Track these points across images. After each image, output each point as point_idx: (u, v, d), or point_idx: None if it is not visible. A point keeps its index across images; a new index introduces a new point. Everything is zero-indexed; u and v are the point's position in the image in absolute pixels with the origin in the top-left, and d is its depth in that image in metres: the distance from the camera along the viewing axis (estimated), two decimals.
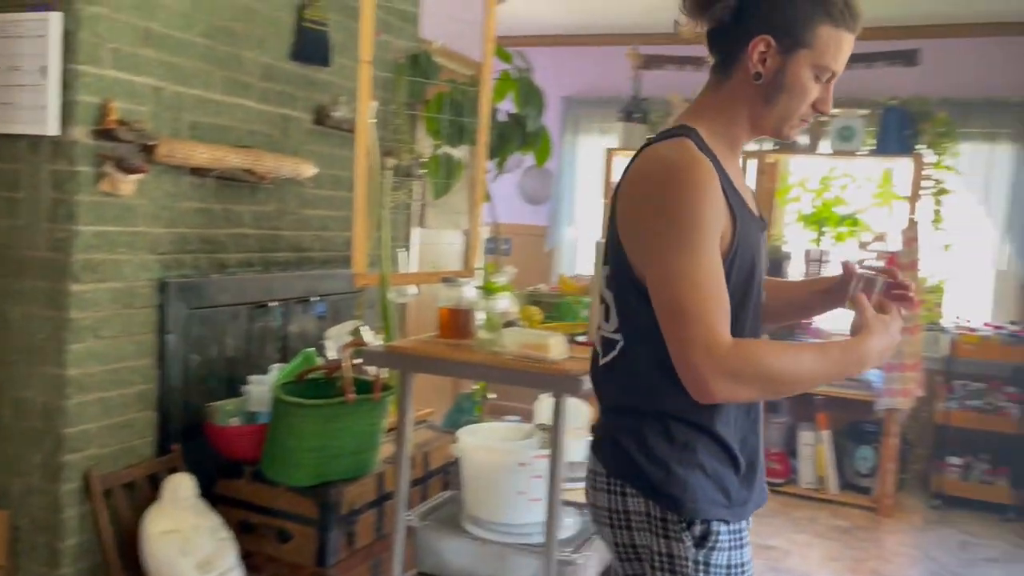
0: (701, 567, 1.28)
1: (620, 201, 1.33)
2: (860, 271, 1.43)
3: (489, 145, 3.17)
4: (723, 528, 1.30)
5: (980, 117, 4.62)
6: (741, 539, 1.32)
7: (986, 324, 4.53)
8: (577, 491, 2.37)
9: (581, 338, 2.33)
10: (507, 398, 4.76)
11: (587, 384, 1.92)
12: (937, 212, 4.53)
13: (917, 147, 4.29)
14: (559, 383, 1.93)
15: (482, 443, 2.26)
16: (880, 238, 4.30)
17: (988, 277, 4.75)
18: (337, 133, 3.20)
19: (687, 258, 1.20)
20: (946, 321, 4.56)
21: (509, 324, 2.23)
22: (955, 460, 4.41)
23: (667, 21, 5.01)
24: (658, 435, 1.30)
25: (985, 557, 3.75)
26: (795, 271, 4.46)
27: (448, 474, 2.92)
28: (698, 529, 1.28)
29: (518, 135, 3.51)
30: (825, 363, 1.26)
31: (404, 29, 3.59)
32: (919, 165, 4.16)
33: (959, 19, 4.62)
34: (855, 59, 5.02)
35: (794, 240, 4.64)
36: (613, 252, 1.35)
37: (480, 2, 3.02)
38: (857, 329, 1.30)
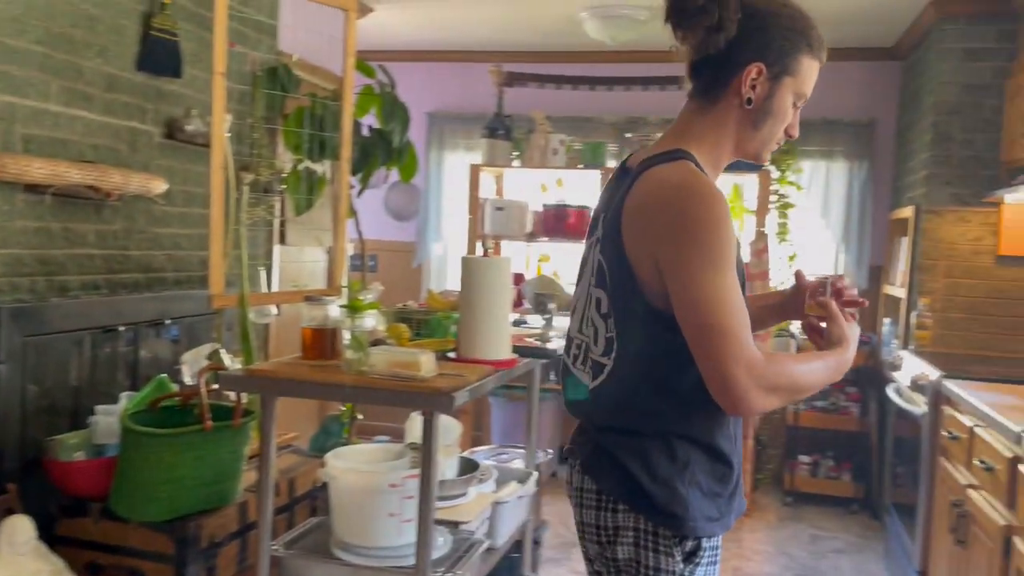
0: None
1: (631, 225, 1.32)
2: (819, 278, 1.48)
3: (352, 160, 3.11)
4: (708, 544, 1.36)
5: (818, 136, 4.95)
6: (717, 554, 1.39)
7: None
8: (449, 510, 2.35)
9: (452, 354, 2.31)
10: (376, 418, 4.68)
11: (459, 400, 1.90)
12: (783, 225, 4.83)
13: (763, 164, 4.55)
14: (430, 401, 1.90)
15: (351, 466, 2.20)
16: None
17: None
18: (190, 147, 3.06)
19: (718, 278, 1.24)
20: (794, 327, 4.85)
21: (377, 343, 2.18)
22: (805, 459, 4.69)
23: (529, 39, 5.13)
24: (660, 454, 1.33)
25: (833, 548, 3.99)
26: None
27: (316, 500, 2.82)
28: (689, 545, 1.34)
29: (383, 150, 3.46)
30: (827, 371, 1.34)
31: (261, 41, 3.48)
32: (766, 181, 4.40)
33: None
34: None
35: None
36: (615, 276, 1.35)
37: (341, 16, 2.97)
38: (839, 339, 1.38)
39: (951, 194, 3.99)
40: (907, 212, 4.31)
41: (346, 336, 2.12)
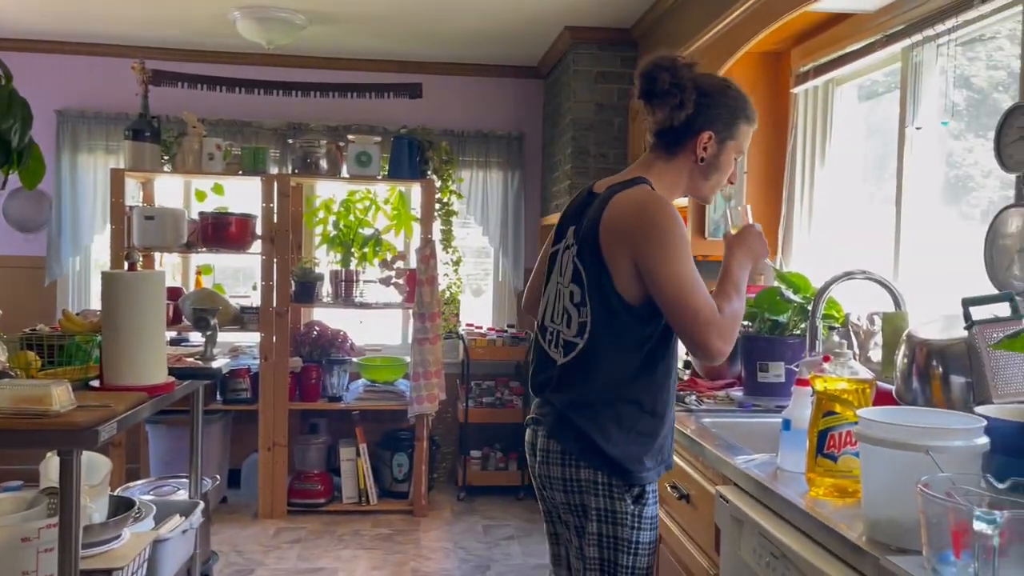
0: (636, 519, 1.71)
1: (608, 235, 1.70)
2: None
3: None
4: (650, 488, 1.74)
5: (475, 148, 5.23)
6: (657, 496, 1.77)
7: (490, 329, 5.14)
8: (99, 557, 2.08)
9: (96, 383, 2.06)
10: (7, 462, 4.04)
11: (104, 434, 1.69)
12: (447, 231, 5.03)
13: (427, 173, 4.70)
14: (67, 438, 1.67)
15: None
16: (401, 257, 4.61)
17: (489, 287, 5.45)
18: None
19: (687, 267, 1.65)
20: (462, 328, 5.07)
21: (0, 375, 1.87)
22: (476, 453, 4.92)
23: (179, 36, 4.77)
24: (611, 422, 1.70)
25: (504, 536, 4.24)
26: (326, 292, 4.55)
27: None
28: (636, 490, 1.71)
29: None
30: (737, 288, 1.75)
31: None
32: (430, 190, 4.55)
33: (456, 59, 5.18)
34: (369, 89, 5.21)
35: (323, 262, 4.73)
36: (591, 275, 1.72)
37: None
38: (728, 252, 1.82)
39: None
40: (554, 219, 4.70)
41: None
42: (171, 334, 4.48)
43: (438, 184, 4.90)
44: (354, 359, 4.70)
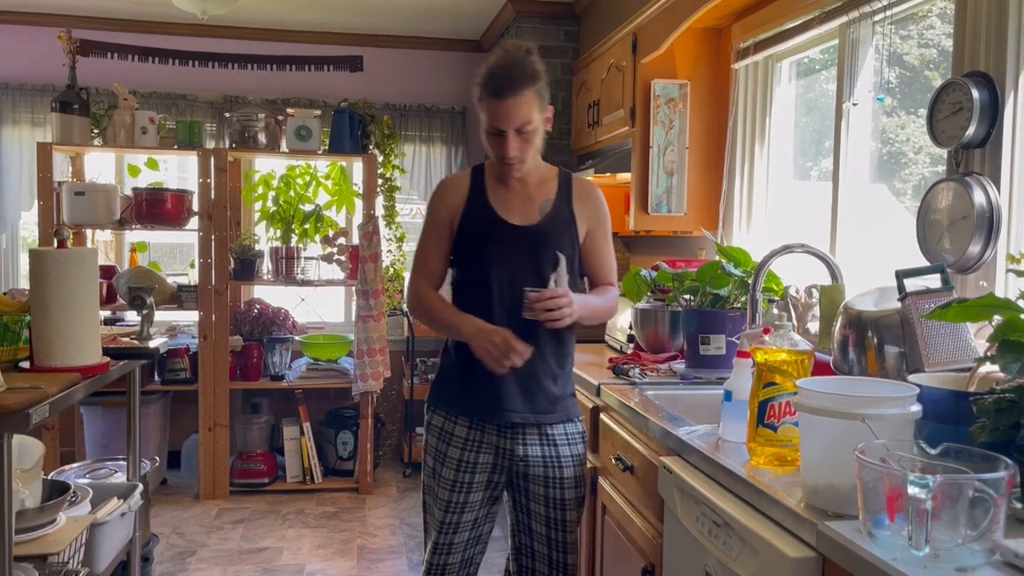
0: (425, 431, 2.18)
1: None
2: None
3: None
4: (428, 412, 2.16)
5: (418, 122, 5.17)
6: (433, 428, 2.14)
7: None
8: (34, 542, 2.03)
9: (26, 364, 1.99)
10: None
11: (36, 417, 1.64)
12: (389, 208, 4.97)
13: (369, 148, 4.63)
14: None
15: None
16: (343, 234, 4.54)
17: None
18: None
19: (421, 233, 2.14)
20: (406, 305, 5.03)
21: None
22: (421, 430, 4.90)
23: (109, 5, 4.59)
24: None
25: None
26: (266, 269, 4.46)
27: None
28: (427, 409, 2.18)
29: None
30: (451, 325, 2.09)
31: None
32: (372, 164, 4.48)
33: (397, 32, 5.10)
34: (308, 61, 5.11)
35: (263, 238, 4.64)
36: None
37: None
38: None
39: None
40: None
41: None
42: (106, 314, 4.35)
43: (380, 159, 4.83)
44: (296, 337, 4.64)
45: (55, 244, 2.08)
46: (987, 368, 1.34)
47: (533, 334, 1.99)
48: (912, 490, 1.01)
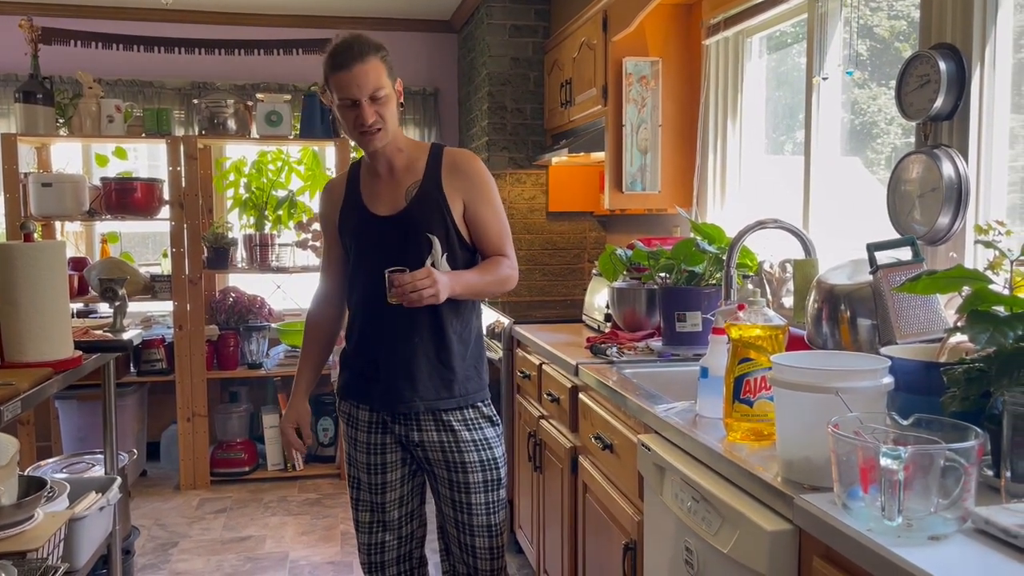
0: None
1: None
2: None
3: None
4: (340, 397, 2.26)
5: None
6: (343, 414, 2.24)
7: None
8: (12, 539, 2.01)
9: None
10: None
11: (8, 414, 1.62)
12: None
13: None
14: None
15: None
16: (318, 219, 4.51)
17: None
18: None
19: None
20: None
21: None
22: None
23: None
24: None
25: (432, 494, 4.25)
26: (240, 257, 4.42)
27: None
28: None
29: None
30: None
31: None
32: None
33: (366, 13, 5.04)
34: (277, 45, 5.04)
35: (236, 226, 4.59)
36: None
37: None
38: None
39: (508, 158, 4.42)
40: None
41: None
42: (77, 306, 4.29)
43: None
44: (273, 325, 4.61)
45: (22, 238, 2.05)
46: (957, 338, 1.36)
47: (412, 320, 2.02)
48: (884, 461, 1.02)
